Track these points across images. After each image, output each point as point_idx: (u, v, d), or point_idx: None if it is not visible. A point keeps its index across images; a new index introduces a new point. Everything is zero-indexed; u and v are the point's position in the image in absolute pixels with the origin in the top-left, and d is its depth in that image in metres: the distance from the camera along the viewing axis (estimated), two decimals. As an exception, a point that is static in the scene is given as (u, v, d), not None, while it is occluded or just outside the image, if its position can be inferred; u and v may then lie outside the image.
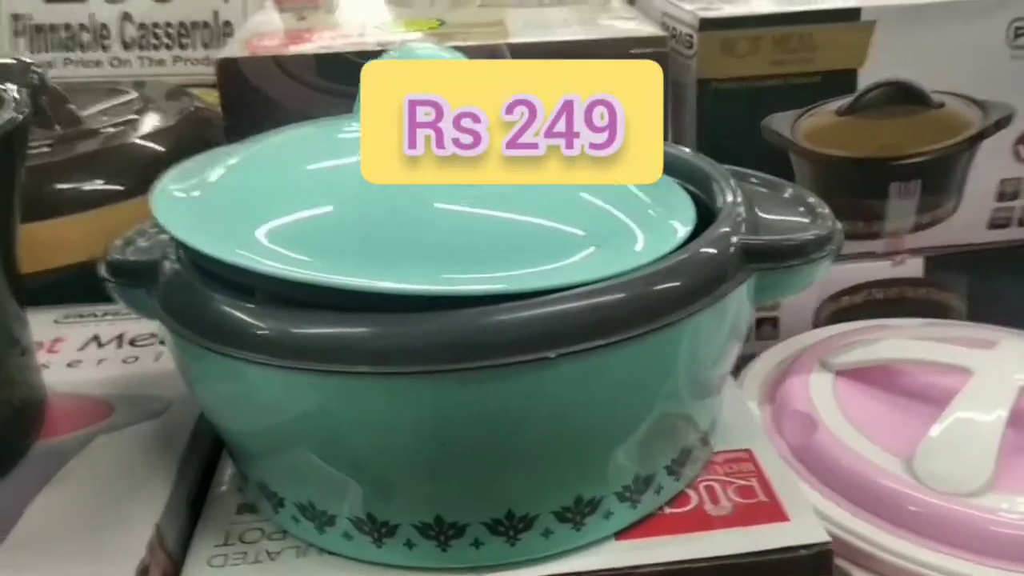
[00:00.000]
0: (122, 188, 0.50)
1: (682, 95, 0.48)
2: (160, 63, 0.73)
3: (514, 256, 0.28)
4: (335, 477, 0.29)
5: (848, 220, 0.51)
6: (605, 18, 0.49)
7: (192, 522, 0.33)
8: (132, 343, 0.43)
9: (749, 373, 0.47)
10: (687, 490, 0.33)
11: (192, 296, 0.30)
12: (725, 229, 0.31)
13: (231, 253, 0.28)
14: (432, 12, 0.53)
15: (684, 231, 0.31)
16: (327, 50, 0.45)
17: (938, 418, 0.39)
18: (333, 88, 0.45)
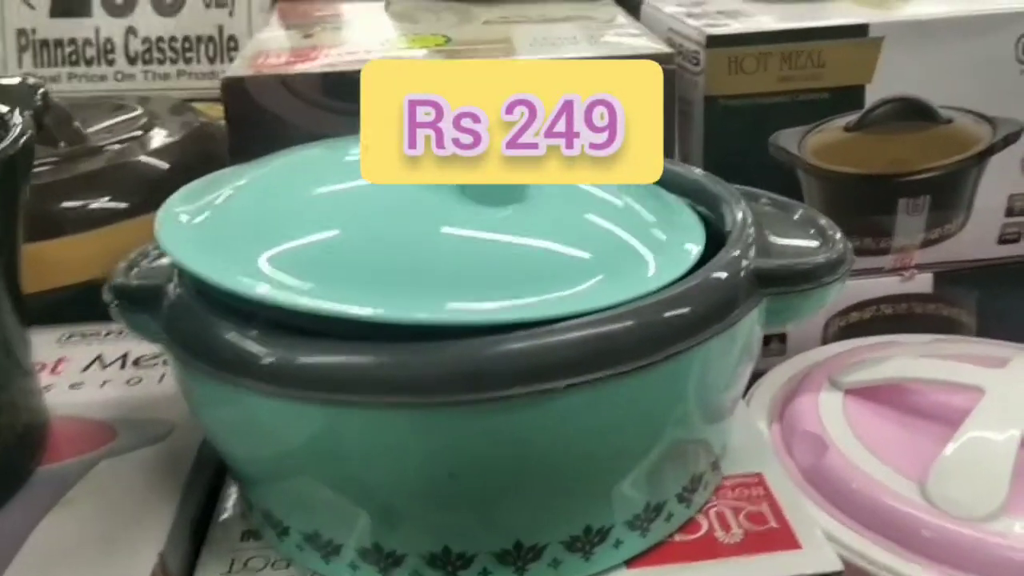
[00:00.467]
0: (127, 206, 0.50)
1: (689, 112, 0.48)
2: (165, 77, 0.73)
3: (522, 283, 0.28)
4: (341, 506, 0.29)
5: (857, 236, 0.51)
6: (612, 35, 0.49)
7: (196, 548, 0.33)
8: (136, 364, 0.43)
9: (757, 391, 0.47)
10: (697, 516, 0.32)
11: (195, 323, 0.30)
12: (736, 253, 0.30)
13: (232, 280, 0.28)
14: (438, 29, 0.52)
15: (694, 255, 0.30)
16: (333, 68, 0.45)
17: (950, 439, 0.39)
18: (339, 107, 0.45)
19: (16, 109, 0.37)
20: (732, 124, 0.47)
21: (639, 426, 0.28)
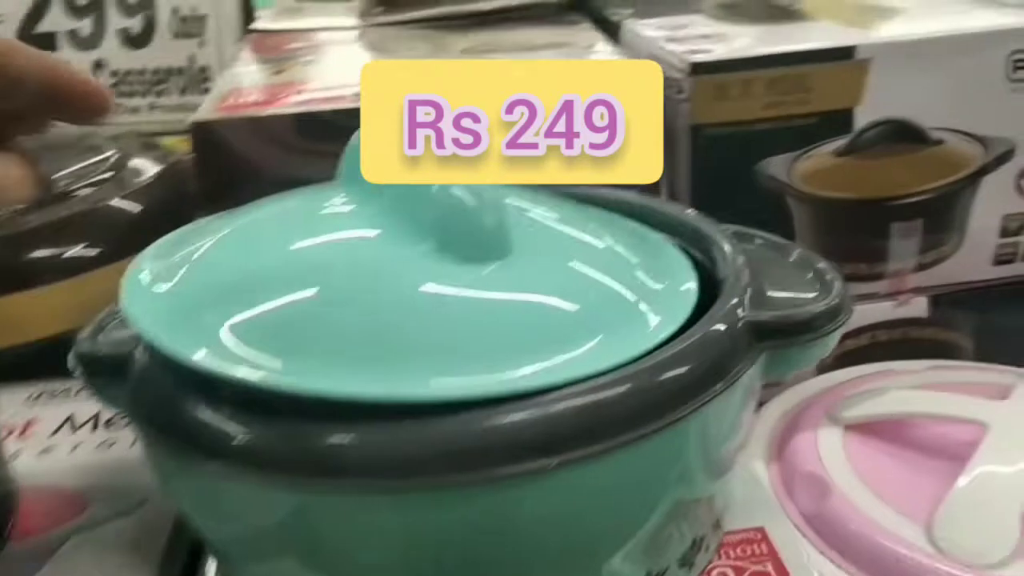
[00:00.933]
0: (99, 253, 0.48)
1: (674, 141, 0.47)
2: (136, 111, 0.71)
3: (509, 350, 0.26)
4: (323, 590, 0.27)
5: (850, 262, 0.50)
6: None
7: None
8: (108, 425, 0.41)
9: (753, 429, 0.45)
10: (700, 579, 0.31)
11: (161, 398, 0.28)
12: (732, 306, 0.29)
13: (197, 353, 0.26)
14: (413, 59, 0.51)
15: (687, 308, 0.29)
16: (306, 109, 0.43)
17: (955, 477, 0.38)
18: (314, 148, 0.43)
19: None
20: (719, 153, 0.46)
21: (638, 496, 0.27)
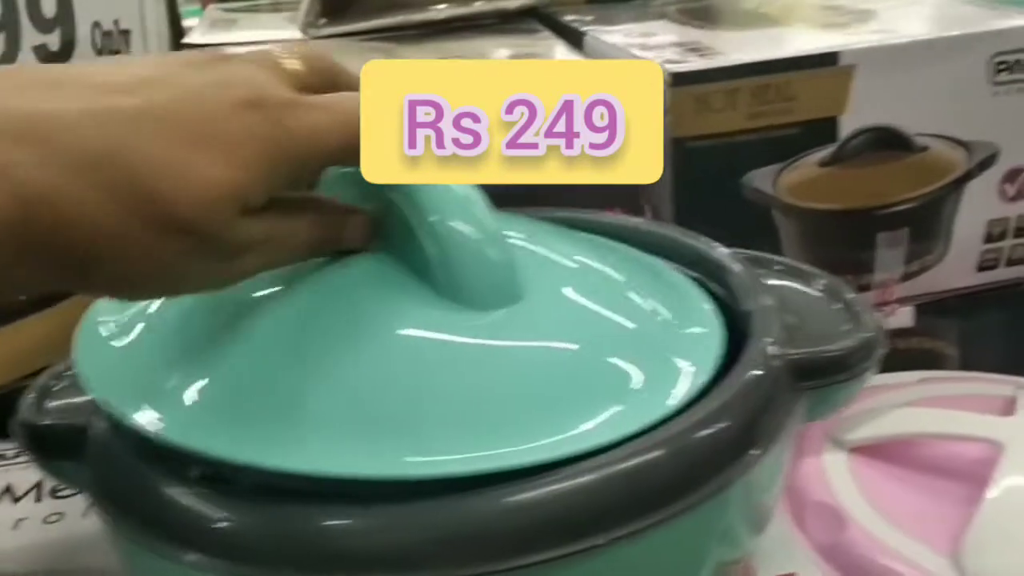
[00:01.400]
0: (26, 299, 0.43)
1: (655, 156, 0.44)
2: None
3: (525, 415, 0.23)
4: None
5: (836, 274, 0.48)
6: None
7: None
8: (54, 494, 0.37)
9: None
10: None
11: (131, 479, 0.24)
12: (764, 345, 0.26)
13: (171, 429, 0.23)
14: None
15: (713, 351, 0.26)
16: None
17: (975, 501, 0.36)
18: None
19: None
20: (701, 167, 0.44)
21: (679, 569, 0.24)
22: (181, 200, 0.21)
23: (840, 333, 0.28)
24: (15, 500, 0.37)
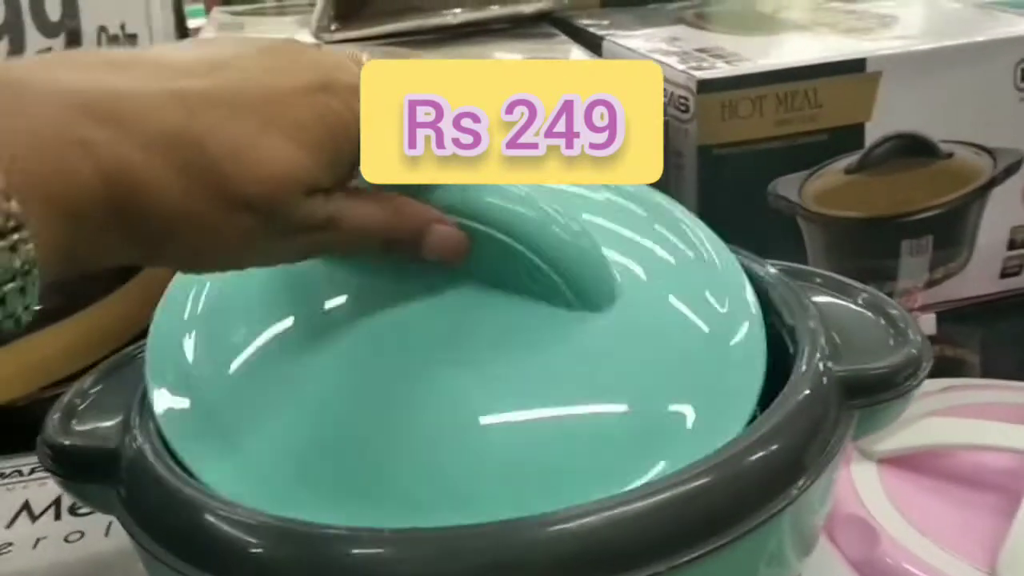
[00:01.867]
0: (42, 309, 0.43)
1: (680, 164, 0.43)
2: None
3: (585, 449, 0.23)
4: None
5: (860, 282, 0.47)
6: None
7: None
8: (73, 511, 0.36)
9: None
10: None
11: (169, 506, 0.24)
12: (815, 362, 0.26)
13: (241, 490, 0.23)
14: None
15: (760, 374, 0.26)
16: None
17: (1007, 512, 0.35)
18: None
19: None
20: (728, 174, 0.43)
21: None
22: (250, 180, 0.22)
23: (886, 349, 0.28)
24: (34, 518, 0.36)
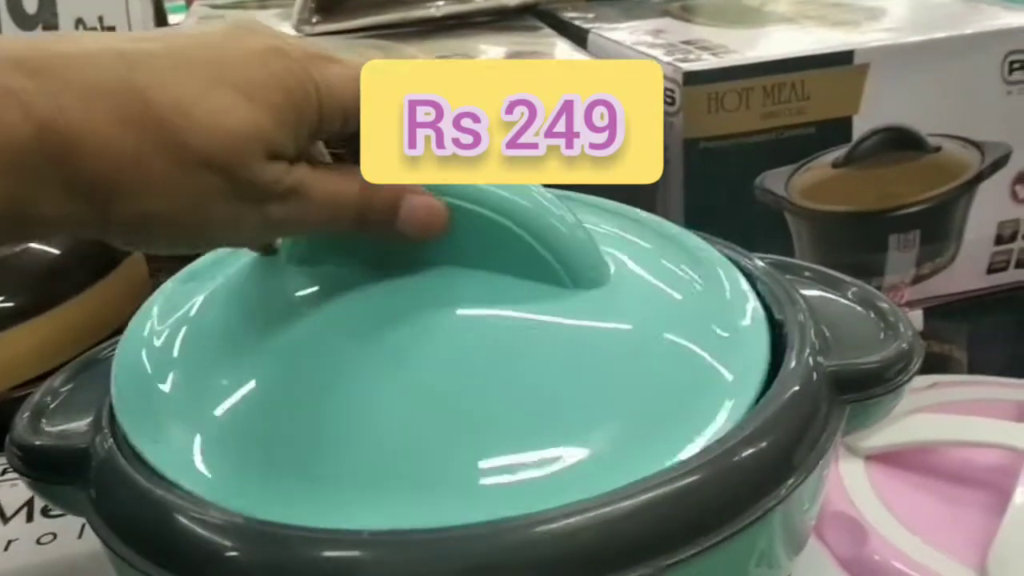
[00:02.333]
0: (12, 308, 0.42)
1: (666, 157, 0.43)
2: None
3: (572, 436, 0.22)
4: None
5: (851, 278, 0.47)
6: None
7: None
8: (45, 513, 0.35)
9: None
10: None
11: (139, 507, 0.23)
12: (805, 357, 0.25)
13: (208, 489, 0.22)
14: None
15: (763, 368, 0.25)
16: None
17: (995, 509, 0.35)
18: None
19: None
20: (714, 168, 0.43)
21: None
22: (202, 134, 0.21)
23: (877, 343, 0.27)
24: (5, 520, 0.35)
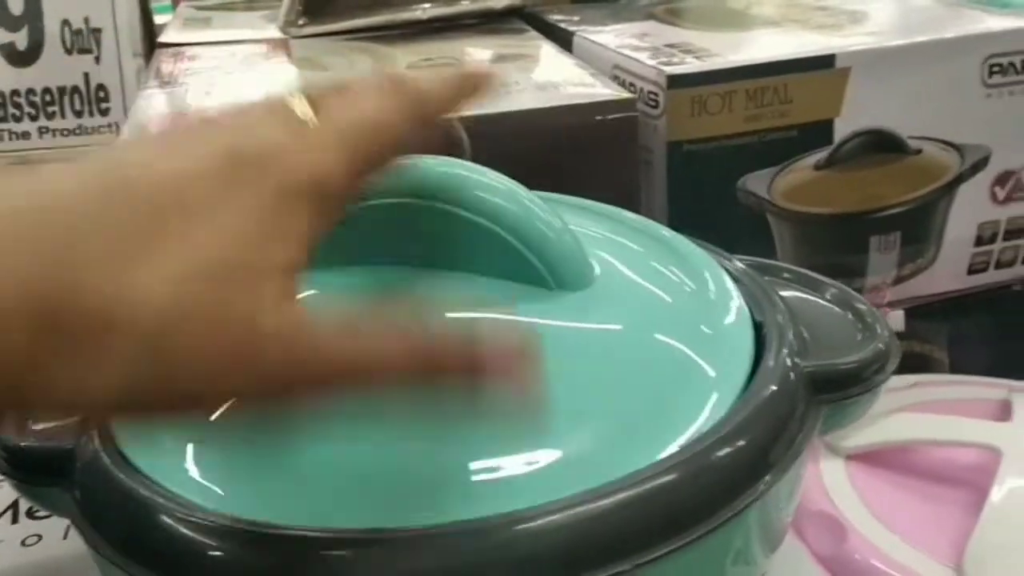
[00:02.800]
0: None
1: (650, 160, 0.43)
2: (25, 136, 0.64)
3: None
4: None
5: (830, 278, 0.47)
6: (557, 76, 0.44)
7: None
8: (31, 515, 0.35)
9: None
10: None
11: (124, 507, 0.23)
12: (782, 358, 0.26)
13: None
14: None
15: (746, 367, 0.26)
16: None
17: (974, 508, 0.36)
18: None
19: None
20: (697, 170, 0.43)
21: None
22: None
23: (854, 344, 0.28)
24: (-9, 520, 0.35)
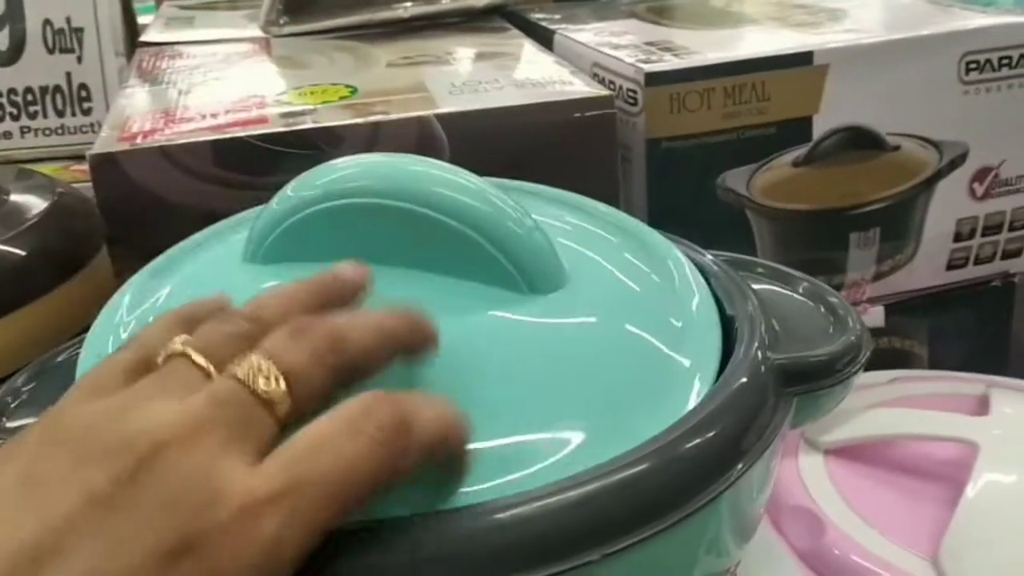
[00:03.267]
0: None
1: (629, 157, 0.43)
2: (7, 136, 0.63)
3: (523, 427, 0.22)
4: None
5: (810, 274, 0.48)
6: (536, 73, 0.44)
7: None
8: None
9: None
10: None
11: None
12: (753, 351, 0.26)
13: None
14: (334, 76, 0.46)
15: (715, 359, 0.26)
16: (223, 135, 0.38)
17: (952, 502, 0.36)
18: (232, 179, 0.38)
19: None
20: (676, 167, 0.43)
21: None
22: None
23: (826, 337, 0.28)
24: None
